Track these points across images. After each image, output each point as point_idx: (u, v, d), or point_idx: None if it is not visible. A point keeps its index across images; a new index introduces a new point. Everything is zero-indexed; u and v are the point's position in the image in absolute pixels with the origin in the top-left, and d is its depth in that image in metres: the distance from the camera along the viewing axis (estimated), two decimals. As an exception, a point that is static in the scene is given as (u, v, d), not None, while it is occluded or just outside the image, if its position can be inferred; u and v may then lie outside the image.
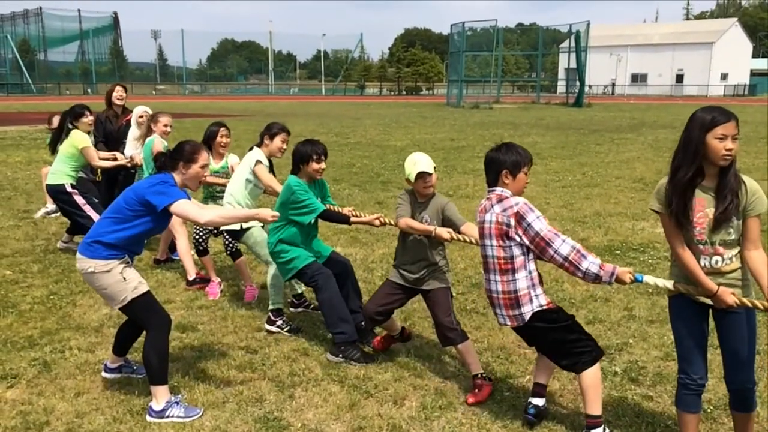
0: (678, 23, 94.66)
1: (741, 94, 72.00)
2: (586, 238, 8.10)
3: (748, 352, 3.14)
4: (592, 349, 3.57)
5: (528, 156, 3.67)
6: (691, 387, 3.22)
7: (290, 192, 4.81)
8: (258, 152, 5.54)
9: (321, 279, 4.81)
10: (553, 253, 3.38)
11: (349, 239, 8.08)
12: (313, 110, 39.94)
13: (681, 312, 3.24)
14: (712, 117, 2.95)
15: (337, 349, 4.70)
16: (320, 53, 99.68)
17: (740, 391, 3.23)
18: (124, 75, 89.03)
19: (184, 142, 4.14)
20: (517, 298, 3.55)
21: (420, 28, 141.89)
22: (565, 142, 19.84)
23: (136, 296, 3.91)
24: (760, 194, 3.00)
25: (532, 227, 3.43)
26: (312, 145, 4.86)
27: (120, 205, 3.92)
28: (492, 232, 3.57)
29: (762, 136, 21.28)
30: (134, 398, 4.12)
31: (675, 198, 3.01)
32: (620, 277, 3.30)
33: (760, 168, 13.85)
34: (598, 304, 5.77)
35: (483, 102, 45.21)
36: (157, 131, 6.92)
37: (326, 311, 4.79)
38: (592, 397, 3.48)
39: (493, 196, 3.62)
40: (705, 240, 3.06)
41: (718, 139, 2.92)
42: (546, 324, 3.56)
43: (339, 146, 18.70)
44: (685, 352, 3.24)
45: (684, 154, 2.99)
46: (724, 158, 2.94)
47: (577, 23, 46.77)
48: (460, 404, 4.04)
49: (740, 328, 3.12)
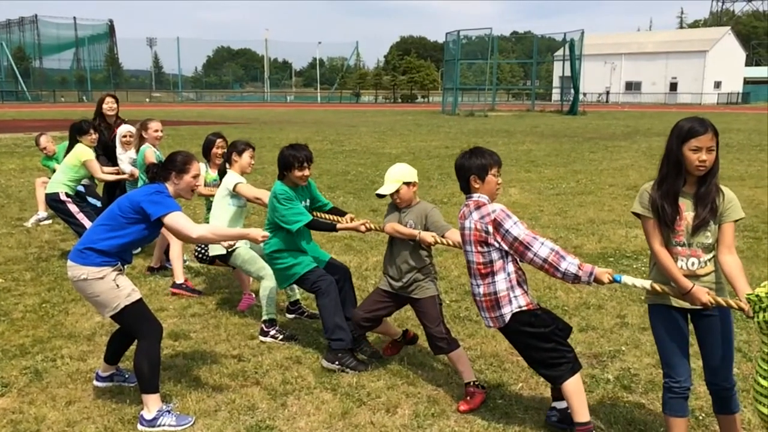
0: (672, 31, 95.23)
1: (734, 102, 72.36)
2: (579, 245, 8.12)
3: (726, 353, 3.24)
4: (569, 361, 3.58)
5: (494, 158, 3.73)
6: (676, 390, 3.28)
7: (276, 199, 4.81)
8: (232, 174, 5.55)
9: (324, 284, 4.80)
10: (532, 256, 3.46)
11: (343, 247, 8.08)
12: (308, 118, 39.99)
13: (660, 317, 3.32)
14: (689, 128, 3.07)
15: (333, 356, 4.69)
16: (316, 61, 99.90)
17: (720, 392, 3.31)
18: (119, 82, 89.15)
19: (176, 152, 4.15)
20: (497, 299, 3.62)
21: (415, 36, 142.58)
22: (559, 149, 19.90)
23: (129, 304, 3.89)
24: (736, 203, 3.13)
25: (510, 233, 3.50)
26: (295, 152, 4.84)
27: (114, 213, 3.92)
28: (471, 239, 3.64)
29: (755, 143, 21.39)
30: (126, 407, 4.10)
31: (666, 205, 3.12)
32: (599, 277, 3.37)
33: (753, 176, 13.92)
34: (591, 311, 5.78)
35: (478, 110, 45.36)
36: (149, 138, 6.94)
37: (325, 317, 4.78)
38: (577, 405, 3.52)
39: (471, 202, 3.68)
40: (683, 242, 3.17)
41: (692, 150, 3.05)
42: (524, 326, 3.61)
43: (334, 154, 18.73)
44: (668, 356, 3.31)
45: (668, 164, 3.13)
46: (698, 169, 3.06)
47: (571, 32, 47.06)
48: (452, 412, 4.04)
49: (716, 330, 3.23)
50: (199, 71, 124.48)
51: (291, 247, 4.89)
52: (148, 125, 6.98)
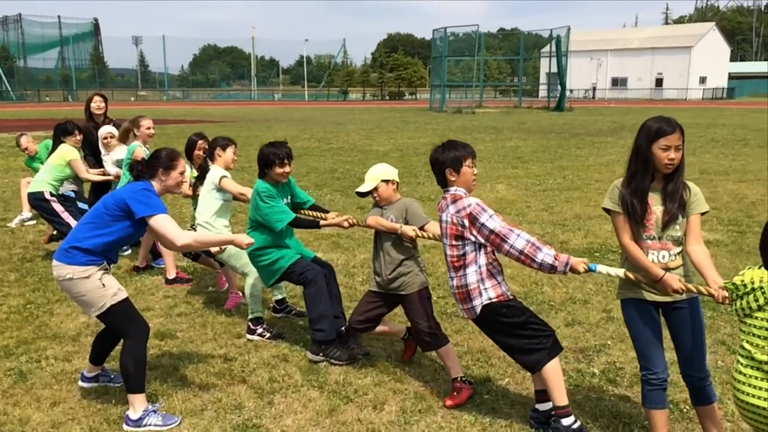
0: (657, 27, 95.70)
1: (719, 97, 72.83)
2: (566, 240, 8.16)
3: (697, 343, 3.33)
4: (546, 346, 3.63)
5: (468, 149, 3.78)
6: (654, 382, 3.34)
7: (258, 197, 4.80)
8: (216, 168, 5.53)
9: (311, 274, 4.79)
10: (508, 248, 3.51)
11: (331, 244, 8.08)
12: (296, 116, 39.89)
13: (633, 311, 3.39)
14: (657, 127, 3.17)
15: (317, 348, 4.70)
16: (303, 59, 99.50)
17: (696, 382, 3.38)
18: (104, 81, 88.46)
19: (161, 149, 4.14)
20: (468, 291, 3.68)
21: (402, 34, 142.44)
22: (546, 146, 19.97)
23: (115, 303, 3.86)
24: (701, 196, 3.27)
25: (486, 226, 3.55)
26: (275, 149, 4.83)
27: (99, 211, 3.89)
28: (448, 232, 3.69)
29: (739, 138, 21.57)
30: (111, 407, 4.08)
31: (636, 201, 3.22)
32: (574, 267, 3.43)
33: (737, 170, 14.03)
34: (577, 306, 5.81)
35: (465, 106, 45.38)
36: (140, 135, 6.91)
37: (310, 306, 4.77)
38: (555, 389, 3.58)
39: (448, 196, 3.73)
40: (654, 235, 3.26)
41: (662, 149, 3.15)
42: (496, 316, 3.66)
43: (321, 151, 18.70)
44: (643, 348, 3.38)
45: (636, 161, 3.23)
46: (666, 167, 3.18)
47: (557, 28, 47.14)
48: (439, 408, 4.05)
49: (687, 321, 3.33)
50: (185, 69, 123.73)
51: (273, 244, 4.88)
52: (140, 122, 6.94)
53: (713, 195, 11.12)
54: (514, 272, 6.71)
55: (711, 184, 12.10)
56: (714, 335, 5.08)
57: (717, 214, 9.57)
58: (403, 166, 14.68)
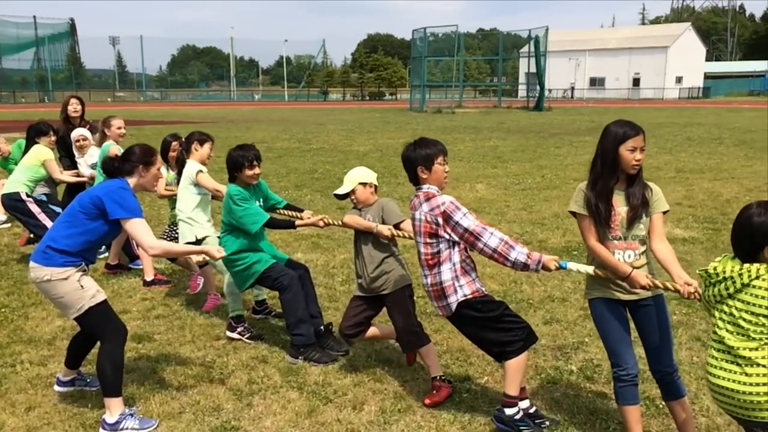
0: (634, 28, 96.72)
1: (695, 97, 73.77)
2: (544, 239, 8.22)
3: (664, 338, 3.41)
4: (521, 339, 3.67)
5: (439, 147, 3.80)
6: (624, 378, 3.39)
7: (231, 201, 4.79)
8: (192, 163, 5.51)
9: (286, 279, 4.79)
10: (482, 246, 3.56)
11: (310, 245, 8.06)
12: (275, 116, 39.73)
13: (602, 310, 3.46)
14: (623, 131, 3.26)
15: (296, 351, 4.70)
16: (283, 59, 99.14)
17: (665, 377, 3.43)
18: (81, 82, 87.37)
19: (135, 145, 4.08)
20: (443, 289, 3.71)
21: (382, 34, 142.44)
22: (525, 145, 20.09)
23: (94, 305, 3.81)
24: (662, 196, 3.38)
25: (460, 225, 3.59)
26: (243, 152, 4.83)
27: (74, 209, 3.82)
28: (421, 230, 3.72)
29: (715, 137, 21.87)
30: (87, 411, 4.03)
31: (600, 204, 3.30)
32: (546, 265, 3.52)
33: (712, 168, 14.23)
34: (556, 304, 5.86)
35: (445, 106, 45.50)
36: (111, 135, 6.87)
37: (288, 311, 4.78)
38: (512, 379, 3.65)
39: (421, 194, 3.75)
40: (620, 236, 3.34)
41: (629, 150, 3.24)
42: (472, 312, 3.70)
43: (301, 152, 18.64)
44: (612, 345, 3.44)
45: (602, 164, 3.31)
46: (633, 167, 3.27)
47: (536, 28, 47.43)
48: (419, 407, 4.06)
49: (654, 317, 3.41)
50: (163, 70, 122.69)
51: (248, 248, 4.88)
52: (111, 122, 6.92)
53: (689, 193, 11.26)
54: (494, 271, 6.75)
55: (687, 183, 12.25)
56: (689, 332, 5.14)
57: (692, 212, 9.70)
58: (383, 166, 14.68)
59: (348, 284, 6.57)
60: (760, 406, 2.64)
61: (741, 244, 2.70)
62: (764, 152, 17.10)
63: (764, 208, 2.63)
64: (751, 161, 15.45)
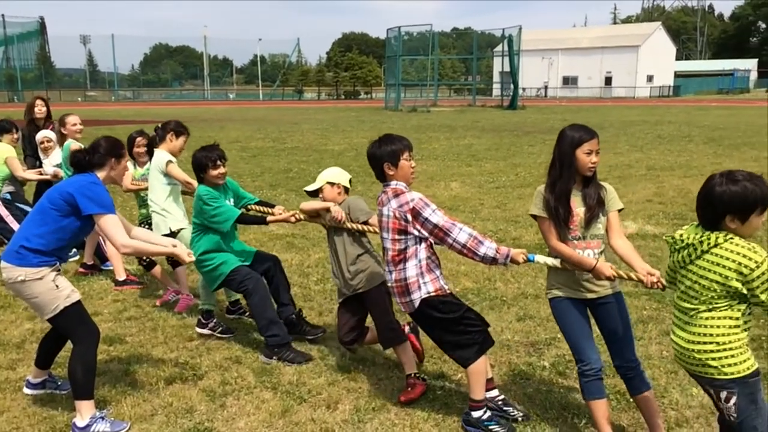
0: (606, 27, 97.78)
1: (666, 95, 74.80)
2: (518, 237, 8.28)
3: (626, 334, 3.48)
4: (477, 342, 3.73)
5: (405, 142, 3.83)
6: (589, 373, 3.44)
7: (201, 201, 4.78)
8: (162, 153, 5.47)
9: (250, 283, 4.79)
10: (452, 242, 3.60)
11: (285, 245, 8.03)
12: (250, 115, 39.48)
13: (561, 309, 3.54)
14: (579, 135, 3.36)
15: (270, 351, 4.69)
16: (257, 58, 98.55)
17: (629, 372, 3.49)
18: (52, 82, 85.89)
19: (102, 138, 3.98)
20: (407, 285, 3.74)
21: (357, 33, 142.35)
22: (499, 143, 20.22)
23: (69, 305, 3.75)
24: (616, 194, 3.49)
25: (430, 221, 3.63)
26: (207, 152, 4.83)
27: (44, 207, 3.73)
28: (389, 226, 3.73)
29: (684, 134, 22.22)
30: (57, 415, 3.98)
31: (559, 206, 3.38)
32: (515, 258, 3.60)
33: (682, 165, 14.46)
34: (529, 300, 5.91)
35: (420, 105, 45.59)
36: (69, 133, 6.81)
37: (257, 314, 4.78)
38: (475, 384, 3.73)
39: (389, 190, 3.77)
40: (579, 235, 3.42)
41: (586, 153, 3.34)
42: (433, 311, 3.74)
43: (276, 151, 18.55)
44: (575, 342, 3.51)
45: (560, 167, 3.38)
46: (590, 169, 3.37)
47: (509, 28, 47.73)
48: (393, 405, 4.07)
49: (614, 312, 3.49)
50: (135, 69, 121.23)
51: (217, 248, 4.88)
52: (66, 120, 6.89)
53: (660, 190, 11.44)
54: (468, 269, 6.79)
55: (657, 180, 12.44)
56: (659, 326, 5.22)
57: (663, 209, 9.85)
58: (358, 165, 14.66)
59: (323, 283, 6.56)
60: (703, 362, 2.81)
61: (704, 212, 2.80)
62: (732, 149, 17.42)
63: (726, 178, 2.71)
64: (720, 158, 15.72)
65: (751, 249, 2.66)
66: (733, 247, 2.69)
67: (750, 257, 2.65)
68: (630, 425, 3.81)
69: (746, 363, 2.77)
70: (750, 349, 2.85)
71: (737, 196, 2.65)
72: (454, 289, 6.13)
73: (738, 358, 2.76)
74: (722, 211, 2.70)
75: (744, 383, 2.77)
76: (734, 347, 2.76)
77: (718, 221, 2.74)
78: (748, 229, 2.72)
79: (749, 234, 2.75)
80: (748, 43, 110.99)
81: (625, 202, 10.39)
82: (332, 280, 4.60)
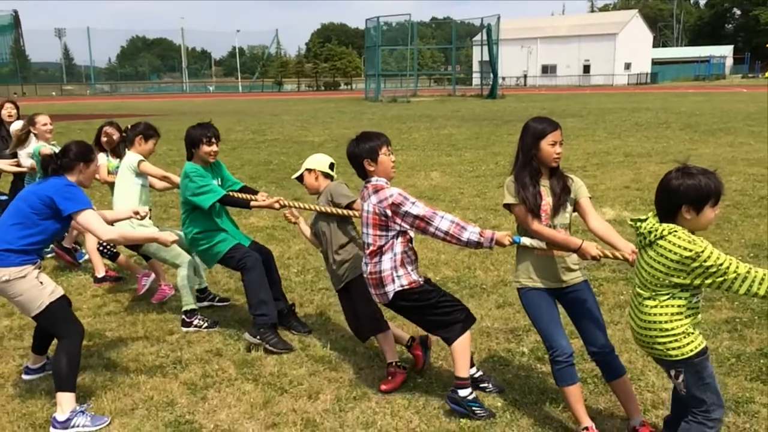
0: (583, 15, 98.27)
1: (643, 83, 75.41)
2: (497, 225, 8.34)
3: (597, 320, 3.54)
4: (459, 320, 3.81)
5: (382, 138, 3.87)
6: (560, 360, 3.48)
7: (187, 178, 4.77)
8: (132, 154, 5.44)
9: (249, 261, 4.83)
10: (434, 231, 3.63)
11: (266, 236, 8.01)
12: (229, 108, 39.20)
13: (530, 298, 3.59)
14: (542, 127, 3.43)
15: (255, 331, 4.71)
16: (236, 50, 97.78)
17: (604, 357, 3.53)
18: (27, 76, 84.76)
19: (72, 143, 4.11)
20: (381, 278, 3.79)
21: (336, 23, 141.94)
22: (479, 133, 20.28)
23: (53, 301, 3.85)
24: (582, 184, 3.57)
25: (410, 213, 3.66)
26: (202, 129, 4.85)
27: (24, 211, 3.83)
28: (370, 222, 3.77)
29: (662, 121, 22.43)
30: (37, 411, 3.96)
31: (526, 193, 3.43)
32: (500, 240, 3.61)
33: (659, 152, 14.61)
34: (508, 288, 5.96)
35: (400, 96, 45.56)
36: (39, 134, 6.70)
37: (250, 292, 4.80)
38: (460, 362, 3.80)
39: (370, 186, 3.81)
40: (549, 224, 3.48)
41: (550, 145, 3.42)
42: (409, 303, 3.82)
43: (256, 144, 18.46)
44: (545, 330, 3.55)
45: (524, 158, 3.45)
46: (555, 160, 3.45)
47: (488, 17, 47.76)
48: (374, 394, 4.10)
49: (584, 300, 3.55)
50: (113, 62, 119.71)
51: (212, 228, 4.89)
52: (36, 120, 6.72)
53: (637, 176, 11.56)
54: (448, 258, 6.83)
55: (635, 166, 12.56)
56: (636, 310, 5.29)
57: (640, 195, 9.96)
58: (339, 156, 14.51)
59: (303, 275, 6.57)
60: (650, 345, 2.98)
61: (660, 204, 2.93)
62: (708, 135, 17.63)
63: (682, 173, 2.86)
64: (696, 144, 15.92)
65: (691, 241, 2.79)
66: (675, 240, 2.81)
67: (690, 248, 2.77)
68: (606, 408, 3.87)
69: (690, 345, 2.91)
70: (697, 329, 2.96)
71: (692, 188, 2.80)
72: (434, 278, 6.19)
73: (681, 342, 2.90)
74: (678, 202, 2.83)
75: (689, 363, 2.92)
76: (677, 333, 2.90)
77: (675, 213, 2.86)
78: (703, 219, 2.85)
79: (704, 226, 2.88)
80: (724, 30, 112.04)
81: (603, 188, 10.56)
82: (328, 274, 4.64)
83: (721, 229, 7.72)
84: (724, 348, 4.58)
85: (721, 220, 8.07)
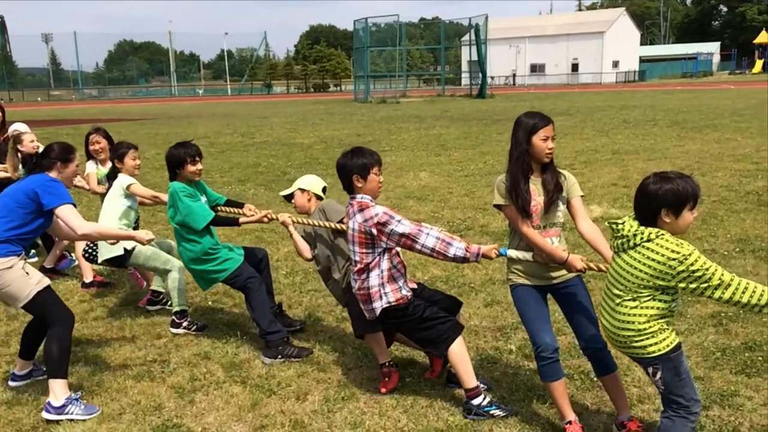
0: (571, 14, 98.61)
1: (631, 80, 75.72)
2: (486, 224, 8.36)
3: (591, 315, 3.55)
4: (445, 332, 3.80)
5: (375, 157, 3.87)
6: (544, 356, 3.49)
7: (177, 199, 4.75)
8: (123, 176, 5.44)
9: (254, 283, 4.81)
10: (420, 248, 3.66)
11: (254, 239, 8.01)
12: (218, 111, 39.10)
13: (523, 295, 3.60)
14: (534, 122, 3.43)
15: (274, 351, 4.63)
16: (224, 53, 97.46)
17: (596, 354, 3.54)
18: (14, 82, 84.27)
19: (55, 143, 4.21)
20: (369, 294, 3.81)
21: (325, 25, 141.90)
22: (468, 132, 20.32)
23: (41, 290, 3.91)
24: (576, 182, 3.56)
25: (396, 231, 3.68)
26: (184, 148, 4.82)
27: (10, 206, 3.92)
28: (356, 240, 3.79)
29: (649, 119, 22.55)
30: (24, 418, 3.95)
31: (517, 191, 3.41)
32: (487, 254, 3.66)
33: (647, 149, 14.69)
34: (496, 286, 5.98)
35: (390, 96, 45.58)
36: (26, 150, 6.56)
37: (259, 314, 4.75)
38: (463, 373, 3.78)
39: (355, 203, 3.81)
40: (539, 225, 3.48)
41: (542, 140, 3.40)
42: (396, 320, 3.86)
43: (245, 146, 18.42)
44: (531, 326, 3.56)
45: (517, 154, 3.43)
46: (547, 155, 3.42)
47: (476, 16, 47.82)
48: (362, 394, 4.10)
49: (577, 296, 3.56)
50: (100, 67, 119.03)
51: (214, 245, 4.89)
52: (23, 138, 6.22)
53: (624, 173, 11.61)
54: (436, 257, 6.83)
55: (622, 164, 12.63)
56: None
57: (627, 192, 10.01)
58: (328, 158, 14.64)
59: (292, 276, 6.57)
60: (627, 344, 3.00)
61: (639, 208, 2.96)
62: (695, 132, 17.74)
63: (659, 178, 2.91)
64: (683, 141, 16.01)
65: (679, 245, 2.83)
66: (663, 243, 2.85)
67: (678, 251, 2.80)
68: (593, 404, 3.89)
69: (665, 341, 2.94)
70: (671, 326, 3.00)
71: (670, 192, 2.84)
72: (422, 277, 6.20)
73: (657, 338, 2.94)
74: (658, 206, 2.87)
75: (666, 359, 2.95)
76: (653, 331, 2.94)
77: (654, 217, 2.89)
78: (682, 222, 2.89)
79: (683, 229, 2.92)
80: (711, 27, 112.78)
81: (591, 186, 10.60)
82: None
83: (707, 224, 7.77)
84: (709, 342, 4.61)
85: (708, 216, 8.14)
